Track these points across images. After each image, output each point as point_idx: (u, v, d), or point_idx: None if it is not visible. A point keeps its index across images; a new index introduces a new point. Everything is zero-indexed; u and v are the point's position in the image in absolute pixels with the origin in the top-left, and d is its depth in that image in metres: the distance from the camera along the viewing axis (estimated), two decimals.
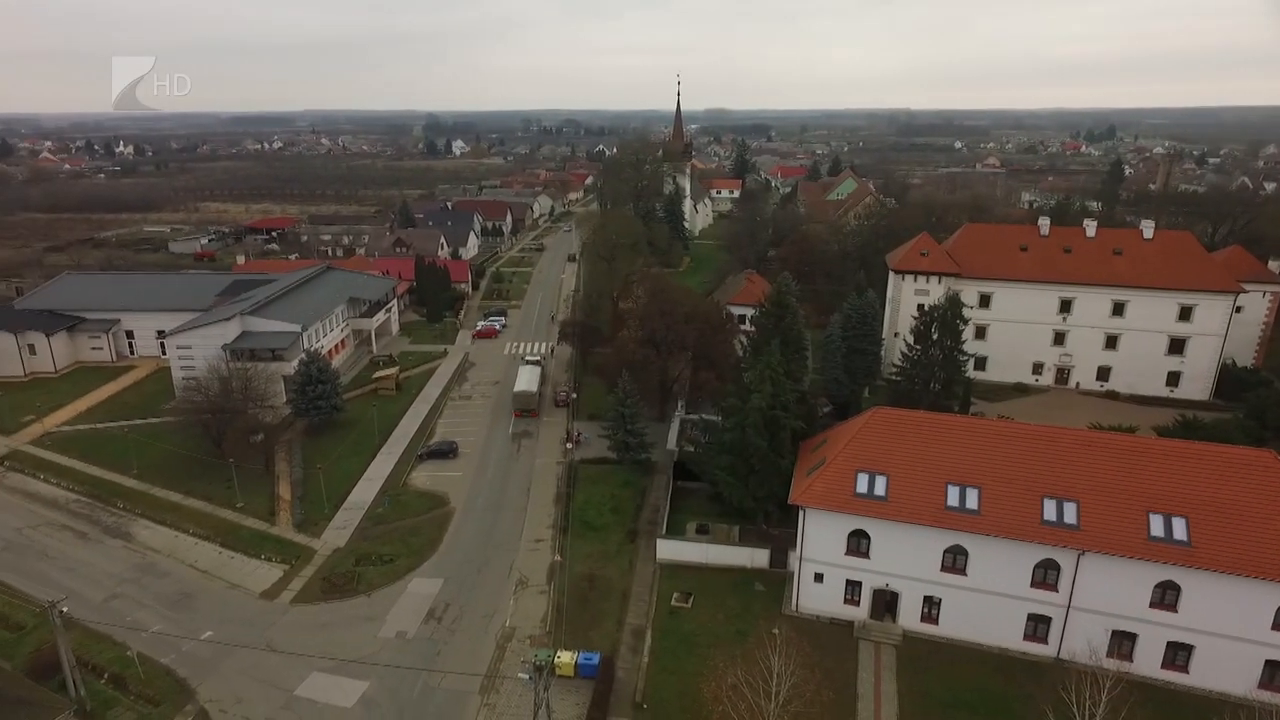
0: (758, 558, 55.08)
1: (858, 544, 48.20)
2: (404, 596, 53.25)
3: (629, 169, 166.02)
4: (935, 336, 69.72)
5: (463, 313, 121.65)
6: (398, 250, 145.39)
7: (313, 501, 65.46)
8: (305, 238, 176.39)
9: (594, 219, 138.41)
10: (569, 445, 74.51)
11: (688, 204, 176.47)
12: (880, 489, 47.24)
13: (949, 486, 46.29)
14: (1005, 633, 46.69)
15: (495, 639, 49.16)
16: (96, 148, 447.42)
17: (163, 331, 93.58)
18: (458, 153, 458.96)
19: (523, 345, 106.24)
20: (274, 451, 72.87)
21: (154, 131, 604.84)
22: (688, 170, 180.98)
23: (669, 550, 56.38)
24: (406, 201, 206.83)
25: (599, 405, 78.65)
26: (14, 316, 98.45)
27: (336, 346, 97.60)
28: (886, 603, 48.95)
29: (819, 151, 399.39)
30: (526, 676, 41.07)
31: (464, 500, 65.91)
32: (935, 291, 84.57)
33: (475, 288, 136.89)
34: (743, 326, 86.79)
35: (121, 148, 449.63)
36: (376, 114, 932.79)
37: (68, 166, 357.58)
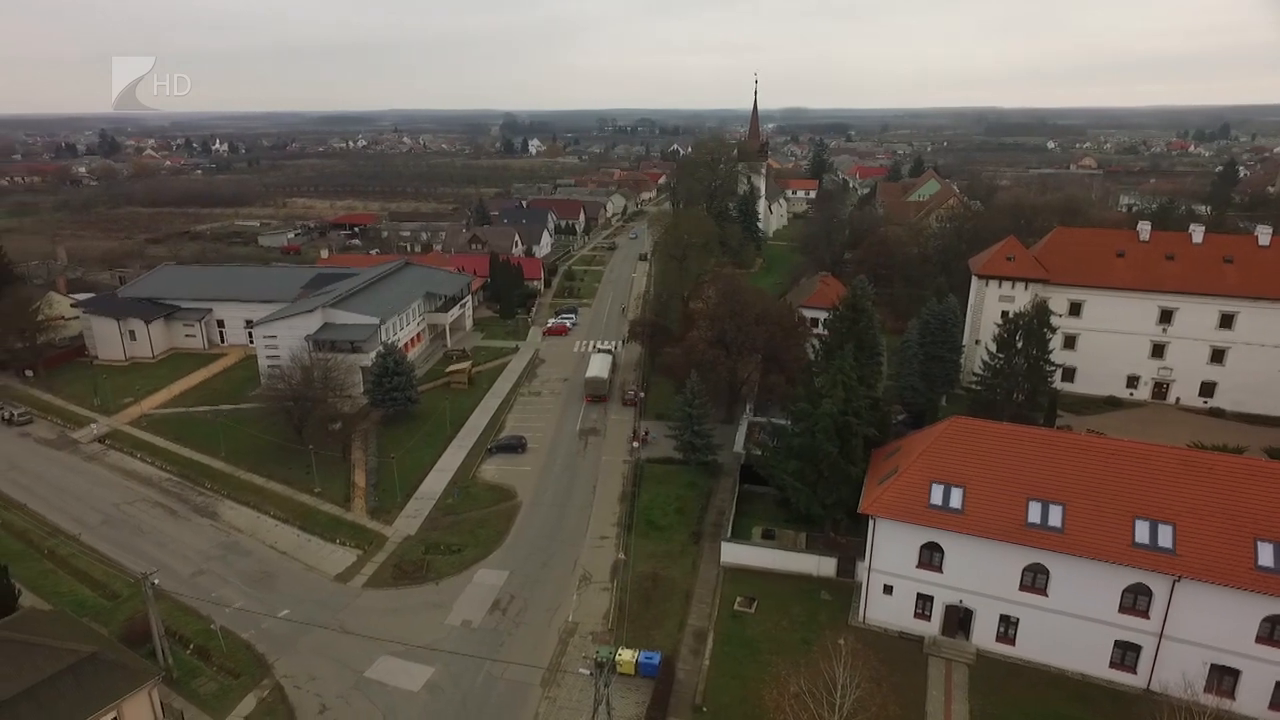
0: (824, 566, 54.29)
1: (930, 557, 46.95)
2: (470, 586, 54.76)
3: (703, 168, 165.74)
4: (1020, 345, 67.21)
5: (534, 310, 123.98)
6: (473, 247, 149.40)
7: (386, 490, 67.98)
8: (386, 234, 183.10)
9: (666, 218, 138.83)
10: (635, 444, 75.05)
11: (762, 204, 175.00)
12: (956, 501, 45.86)
13: (1030, 502, 44.55)
14: (1088, 659, 44.62)
15: (558, 633, 50.01)
16: (195, 145, 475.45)
17: (251, 321, 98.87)
18: (533, 151, 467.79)
19: (592, 343, 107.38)
20: (351, 440, 76.06)
21: (248, 130, 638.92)
22: (763, 170, 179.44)
23: (733, 554, 56.17)
24: (483, 199, 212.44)
25: (666, 405, 78.93)
26: (117, 304, 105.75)
27: (413, 340, 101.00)
28: (960, 619, 47.50)
29: (900, 151, 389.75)
30: (588, 672, 41.83)
31: (531, 495, 67.27)
32: (1021, 298, 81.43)
33: (547, 285, 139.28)
34: (815, 330, 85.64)
35: (218, 146, 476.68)
36: (456, 113, 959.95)
37: (168, 163, 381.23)
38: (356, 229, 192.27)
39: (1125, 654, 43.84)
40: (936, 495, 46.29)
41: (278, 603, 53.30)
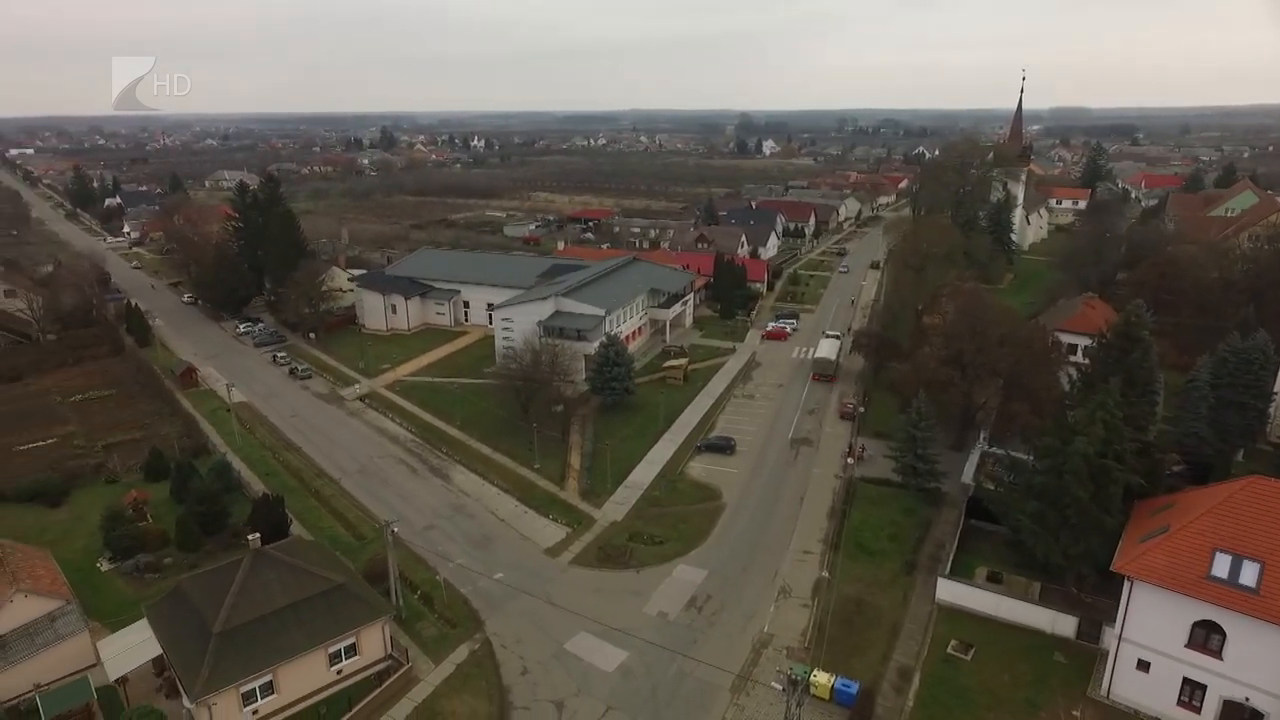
0: (1062, 624, 48.93)
1: (1206, 638, 40.52)
2: (669, 580, 56.36)
3: (951, 173, 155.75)
4: None
5: (755, 312, 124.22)
6: (699, 246, 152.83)
7: (598, 474, 71.95)
8: (617, 229, 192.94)
9: (904, 225, 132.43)
10: (850, 460, 72.66)
11: (1018, 213, 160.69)
12: (1248, 577, 39.12)
13: None
14: None
15: (751, 641, 49.96)
16: (457, 142, 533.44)
17: (492, 304, 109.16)
18: (767, 152, 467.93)
19: (812, 351, 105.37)
20: (570, 423, 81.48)
21: (502, 128, 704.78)
22: (1022, 176, 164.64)
23: (951, 592, 52.48)
24: (712, 199, 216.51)
25: (888, 423, 75.48)
26: (383, 281, 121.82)
27: (634, 333, 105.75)
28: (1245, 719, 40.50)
29: (1205, 158, 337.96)
30: (779, 687, 41.16)
31: (736, 497, 67.70)
32: None
33: (770, 288, 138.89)
34: (1073, 358, 77.23)
35: (475, 142, 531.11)
36: (692, 113, 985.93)
37: (434, 157, 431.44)
38: (591, 223, 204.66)
39: None
40: (1220, 566, 39.83)
41: (494, 565, 58.58)
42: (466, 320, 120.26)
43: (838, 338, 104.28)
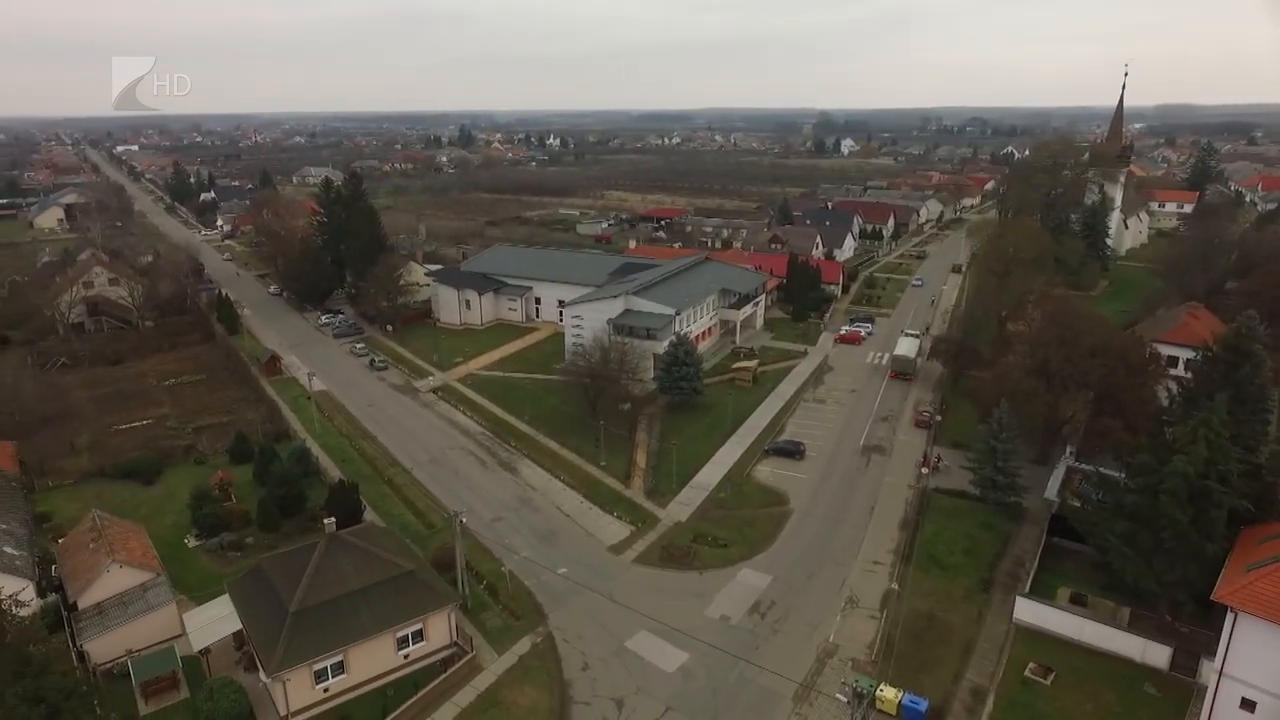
0: (1153, 654, 46.44)
1: None
2: (733, 583, 55.97)
3: (1041, 173, 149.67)
4: None
5: (828, 315, 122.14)
6: (773, 247, 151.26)
7: (663, 473, 72.02)
8: (689, 228, 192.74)
9: (989, 228, 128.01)
10: (925, 470, 70.66)
11: (1115, 217, 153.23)
12: None
13: None
14: None
15: (816, 651, 49.16)
16: (532, 140, 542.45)
17: (563, 301, 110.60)
18: (846, 152, 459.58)
19: (887, 356, 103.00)
20: (637, 421, 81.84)
21: (577, 127, 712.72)
22: (1121, 178, 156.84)
23: (1030, 612, 50.43)
24: (787, 199, 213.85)
25: (965, 433, 73.12)
26: (458, 276, 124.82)
27: (704, 333, 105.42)
28: None
29: None
30: (844, 699, 40.49)
31: (804, 503, 66.72)
32: None
33: (845, 290, 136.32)
34: (1173, 371, 73.17)
35: (551, 140, 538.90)
36: (769, 111, 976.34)
37: (510, 155, 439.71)
38: (663, 222, 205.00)
39: None
40: None
41: (558, 559, 59.31)
42: (538, 317, 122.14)
43: (917, 337, 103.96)
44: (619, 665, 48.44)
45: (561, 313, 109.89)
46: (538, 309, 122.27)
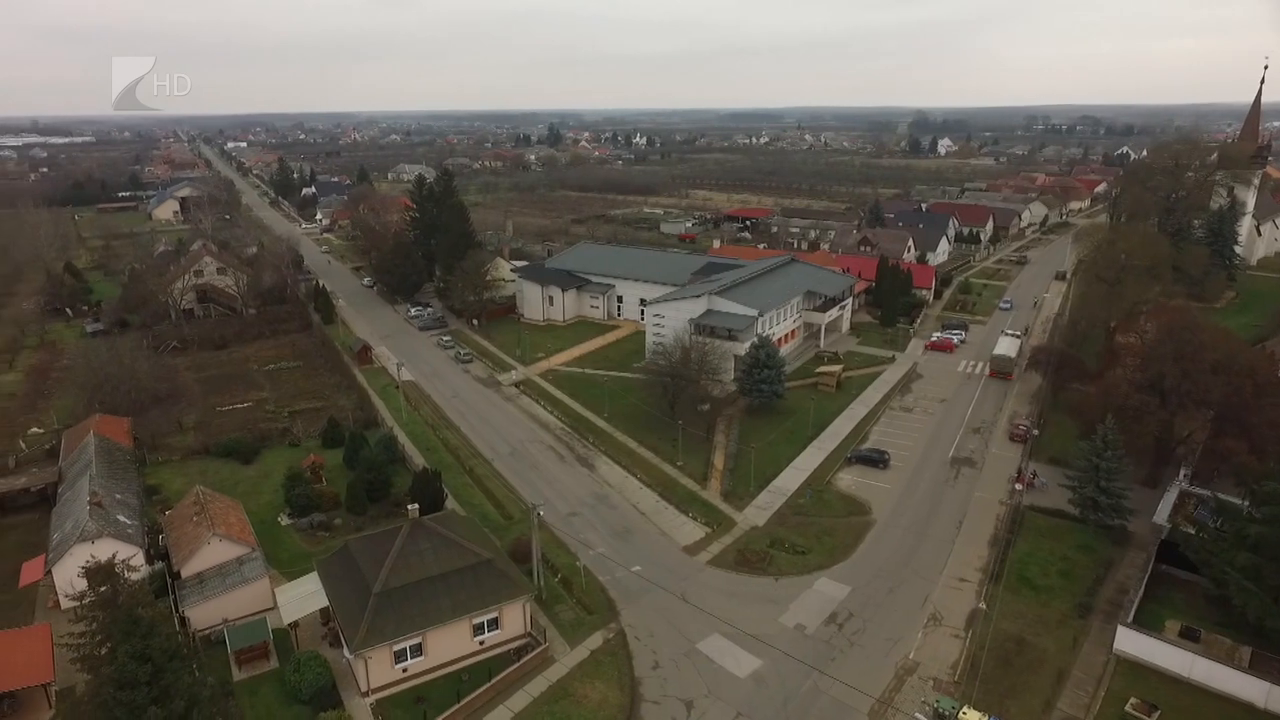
0: (1278, 699, 43.14)
1: None
2: (809, 592, 55.14)
3: (1161, 176, 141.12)
4: None
5: (919, 320, 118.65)
6: (862, 249, 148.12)
7: (740, 476, 71.52)
8: (775, 229, 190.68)
9: (1099, 233, 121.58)
10: (1019, 486, 67.81)
11: (1246, 223, 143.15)
12: None
13: None
14: None
15: (895, 667, 47.90)
16: (619, 139, 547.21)
17: (644, 300, 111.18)
18: (943, 152, 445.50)
19: (980, 365, 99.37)
20: (715, 422, 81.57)
21: (665, 126, 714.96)
22: (1255, 180, 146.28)
23: (1134, 644, 47.71)
24: (879, 200, 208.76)
25: (1065, 449, 69.80)
26: (543, 273, 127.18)
27: (787, 335, 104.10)
28: None
29: None
30: (923, 719, 39.36)
31: (887, 514, 65.10)
32: None
33: (938, 296, 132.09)
34: None
35: (637, 139, 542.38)
36: (862, 110, 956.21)
37: (596, 154, 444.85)
38: (748, 222, 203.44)
39: None
40: None
41: (632, 557, 59.75)
42: (619, 314, 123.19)
43: (1018, 337, 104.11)
44: (690, 666, 48.44)
45: (643, 311, 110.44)
46: (619, 307, 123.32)
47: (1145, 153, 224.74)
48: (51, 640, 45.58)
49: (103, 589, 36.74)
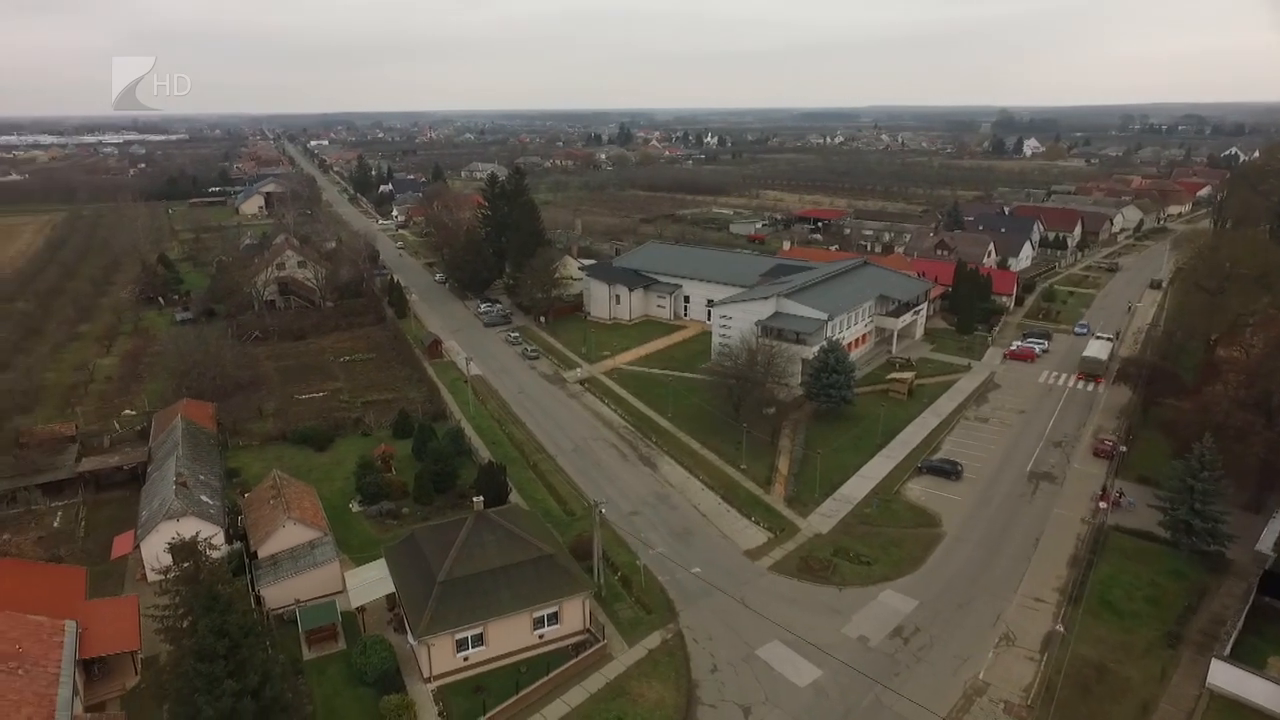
0: None
1: None
2: (874, 603, 54.04)
3: (1274, 178, 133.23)
4: None
5: (998, 328, 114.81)
6: (939, 253, 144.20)
7: (805, 482, 70.58)
8: (848, 231, 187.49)
9: (1201, 239, 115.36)
10: (1103, 505, 64.94)
11: None
12: None
13: None
14: None
15: (963, 686, 46.50)
16: (690, 138, 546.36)
17: (711, 301, 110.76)
18: (1028, 153, 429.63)
19: (1064, 377, 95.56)
20: (781, 426, 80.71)
21: (737, 125, 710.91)
22: None
23: (1230, 679, 45.10)
24: (958, 203, 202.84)
25: (1155, 467, 66.51)
26: (610, 272, 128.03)
27: (857, 340, 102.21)
28: None
29: None
30: None
31: (958, 527, 63.25)
32: None
33: (1019, 303, 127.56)
34: None
35: (708, 139, 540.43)
36: (942, 109, 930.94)
37: (666, 153, 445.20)
38: (820, 223, 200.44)
39: None
40: None
41: (692, 559, 59.64)
42: (686, 315, 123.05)
43: (1110, 340, 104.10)
44: (748, 672, 48.08)
45: (709, 312, 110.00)
46: (686, 307, 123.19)
47: (1257, 153, 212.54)
48: (139, 611, 48.31)
49: (186, 565, 38.81)
